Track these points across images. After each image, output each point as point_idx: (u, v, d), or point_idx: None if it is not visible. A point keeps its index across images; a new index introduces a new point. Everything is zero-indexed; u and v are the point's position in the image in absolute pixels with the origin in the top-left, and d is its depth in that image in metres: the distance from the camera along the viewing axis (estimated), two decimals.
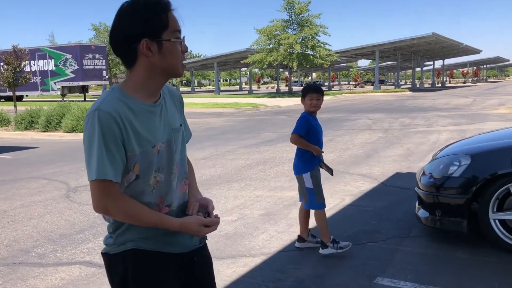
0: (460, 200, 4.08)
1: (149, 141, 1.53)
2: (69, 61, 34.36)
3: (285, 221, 5.09)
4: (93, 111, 1.47)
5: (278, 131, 13.84)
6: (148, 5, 1.49)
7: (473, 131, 11.62)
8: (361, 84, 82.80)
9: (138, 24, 1.48)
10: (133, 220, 1.55)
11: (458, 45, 52.46)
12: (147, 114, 1.55)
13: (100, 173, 1.45)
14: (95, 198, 1.51)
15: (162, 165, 1.59)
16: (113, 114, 1.46)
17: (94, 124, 1.45)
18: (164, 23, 1.50)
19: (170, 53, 1.53)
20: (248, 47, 43.64)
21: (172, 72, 1.57)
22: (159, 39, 1.50)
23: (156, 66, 1.53)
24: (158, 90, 1.60)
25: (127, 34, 1.50)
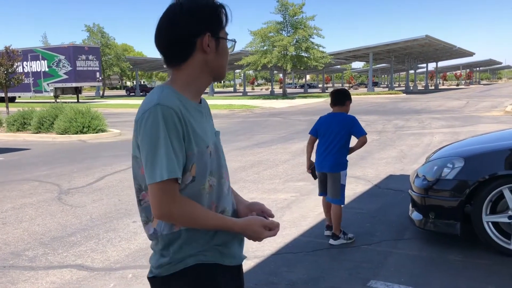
0: (454, 203, 4.08)
1: (204, 140, 1.46)
2: (62, 62, 34.20)
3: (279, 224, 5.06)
4: (154, 106, 1.37)
5: (272, 133, 13.83)
6: (210, 4, 1.50)
7: (466, 133, 11.67)
8: (355, 86, 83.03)
9: (204, 18, 1.47)
10: (197, 223, 1.42)
11: (451, 48, 52.76)
12: (197, 113, 1.49)
13: (171, 171, 1.33)
14: (159, 201, 1.36)
15: (214, 169, 1.50)
16: (175, 109, 1.37)
17: (157, 119, 1.35)
18: (222, 22, 1.51)
19: (224, 52, 1.54)
20: (242, 49, 43.63)
21: (220, 72, 1.56)
22: (218, 37, 1.50)
23: (209, 64, 1.50)
24: (203, 91, 1.57)
25: (190, 27, 1.46)
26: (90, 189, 6.96)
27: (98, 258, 4.22)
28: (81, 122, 13.93)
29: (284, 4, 39.61)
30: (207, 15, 1.48)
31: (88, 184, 7.30)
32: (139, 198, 1.50)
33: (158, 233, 1.46)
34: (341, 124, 4.41)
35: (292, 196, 6.22)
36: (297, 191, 6.49)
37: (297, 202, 5.93)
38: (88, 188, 7.00)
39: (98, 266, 4.05)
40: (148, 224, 1.49)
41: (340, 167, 4.40)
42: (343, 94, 4.62)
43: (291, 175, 7.66)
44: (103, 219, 5.40)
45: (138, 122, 1.40)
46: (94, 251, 4.39)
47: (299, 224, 5.02)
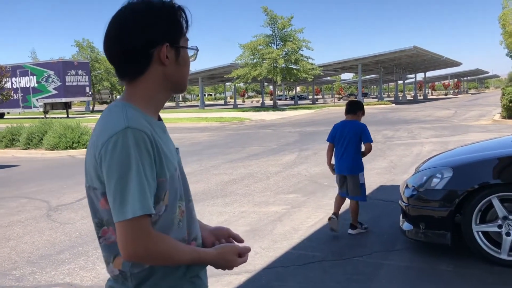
0: (444, 213, 4.09)
1: (172, 162, 1.29)
2: (52, 78, 34.06)
3: (270, 237, 5.04)
4: (123, 130, 1.17)
5: (263, 145, 13.83)
6: (167, 8, 1.31)
7: (455, 142, 11.76)
8: (344, 97, 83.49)
9: (160, 25, 1.28)
10: (171, 260, 1.25)
11: (439, 58, 53.38)
12: (161, 131, 1.32)
13: (145, 206, 1.15)
14: (131, 241, 1.17)
15: (181, 192, 1.34)
16: (146, 132, 1.20)
17: (127, 145, 1.16)
18: (182, 28, 1.33)
19: (185, 63, 1.36)
20: (232, 62, 43.83)
21: (182, 85, 1.38)
22: (178, 46, 1.32)
23: (169, 76, 1.32)
24: (162, 106, 1.38)
25: (145, 36, 1.27)
26: (80, 205, 6.89)
27: (88, 276, 4.15)
28: (70, 138, 13.84)
29: (273, 17, 39.97)
30: (164, 21, 1.29)
31: (78, 200, 7.23)
32: (98, 234, 1.29)
33: (127, 273, 1.27)
34: (353, 130, 5.03)
35: (283, 209, 6.20)
36: (288, 204, 6.47)
37: (288, 215, 5.91)
38: (77, 204, 6.93)
39: (87, 284, 3.99)
40: (109, 265, 1.30)
41: (357, 169, 4.99)
42: (356, 105, 5.27)
43: (282, 187, 7.64)
44: (92, 235, 5.33)
45: (103, 149, 1.18)
46: (83, 269, 4.32)
47: (290, 237, 5.00)
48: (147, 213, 1.16)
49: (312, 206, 6.29)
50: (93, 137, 1.27)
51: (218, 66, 48.70)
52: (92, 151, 1.24)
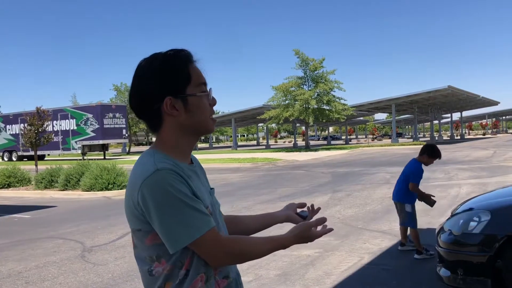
0: (483, 258, 3.92)
1: (203, 201, 1.38)
2: (90, 121, 35.29)
3: (301, 281, 4.94)
4: (155, 172, 1.29)
5: (296, 186, 13.75)
6: (167, 60, 1.39)
7: (494, 184, 11.37)
8: (378, 137, 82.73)
9: (159, 82, 1.37)
10: (252, 256, 1.43)
11: (475, 97, 52.49)
12: (192, 174, 1.41)
13: (204, 224, 1.30)
14: (210, 254, 1.33)
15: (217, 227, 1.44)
16: (177, 171, 1.31)
17: (163, 183, 1.27)
18: (186, 77, 1.38)
19: (197, 108, 1.40)
20: (265, 103, 44.39)
21: (203, 129, 1.44)
22: (184, 95, 1.38)
23: (185, 124, 1.40)
24: (190, 151, 1.49)
25: (148, 94, 1.38)
26: (113, 246, 6.97)
27: None
28: (106, 179, 14.17)
29: (305, 60, 40.58)
30: (163, 76, 1.37)
31: (111, 241, 7.32)
32: (149, 269, 1.39)
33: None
34: (407, 166, 5.93)
35: (316, 253, 6.08)
36: (321, 247, 6.35)
37: (321, 259, 5.79)
38: (111, 246, 7.01)
39: None
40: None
41: (403, 198, 5.85)
42: (423, 147, 5.94)
43: None
44: (124, 277, 5.37)
45: (140, 195, 1.30)
46: None
47: (323, 283, 4.87)
48: (209, 228, 1.31)
49: (346, 250, 6.15)
50: (128, 185, 1.37)
51: (251, 108, 49.39)
52: (129, 198, 1.35)
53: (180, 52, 1.41)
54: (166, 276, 1.37)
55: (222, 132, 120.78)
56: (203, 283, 1.38)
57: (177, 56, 1.40)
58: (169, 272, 1.37)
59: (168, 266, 1.37)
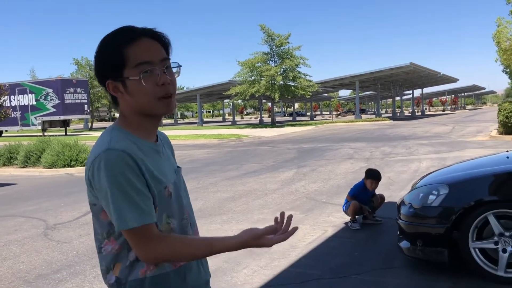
0: (440, 230, 4.10)
1: (161, 181, 1.37)
2: (50, 96, 34.19)
3: (268, 255, 5.03)
4: (104, 152, 1.28)
5: (262, 162, 13.85)
6: (103, 44, 1.37)
7: (453, 158, 11.80)
8: (342, 113, 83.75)
9: (98, 66, 1.38)
10: (186, 256, 1.36)
11: (435, 75, 53.79)
12: (153, 153, 1.40)
13: (135, 218, 1.26)
14: (138, 248, 1.30)
15: (174, 210, 1.42)
16: (127, 151, 1.28)
17: (110, 165, 1.26)
18: (121, 60, 1.33)
19: (137, 91, 1.34)
20: (231, 79, 44.12)
21: (150, 110, 1.38)
22: (121, 78, 1.34)
23: (132, 106, 1.37)
24: (155, 129, 1.46)
25: (97, 75, 1.40)
26: (77, 223, 6.87)
27: None
28: (68, 156, 13.85)
29: (271, 35, 40.36)
30: (101, 60, 1.37)
31: (75, 218, 7.21)
32: (99, 246, 1.41)
33: (122, 281, 1.37)
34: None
35: None
36: None
37: None
38: (74, 223, 6.91)
39: None
40: (109, 273, 1.39)
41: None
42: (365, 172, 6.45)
43: (280, 204, 7.64)
44: (89, 254, 5.32)
45: (90, 171, 1.31)
46: None
47: (288, 255, 4.99)
48: (147, 223, 1.27)
49: (310, 224, 6.29)
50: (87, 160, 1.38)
51: (216, 83, 48.98)
52: (86, 173, 1.36)
53: (117, 33, 1.37)
54: (115, 256, 1.37)
55: (187, 108, 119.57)
56: (154, 265, 1.37)
57: (112, 38, 1.36)
58: (117, 252, 1.37)
59: (117, 245, 1.36)
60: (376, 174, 6.31)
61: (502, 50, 26.24)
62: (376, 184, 6.29)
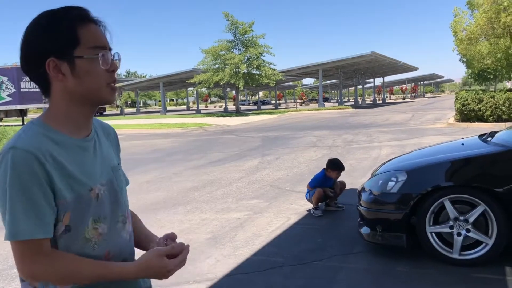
0: (399, 215, 4.21)
1: (84, 183, 1.23)
2: (5, 84, 32.87)
3: (231, 244, 5.04)
4: (7, 150, 1.14)
5: (226, 151, 13.82)
6: (54, 18, 1.22)
7: (412, 145, 12.12)
8: (306, 102, 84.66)
9: (42, 41, 1.20)
10: (73, 279, 1.20)
11: (396, 63, 54.96)
12: (78, 150, 1.25)
13: (25, 231, 1.12)
14: (20, 262, 1.16)
15: (105, 213, 1.28)
16: (33, 152, 1.14)
17: (7, 166, 1.12)
18: (74, 38, 1.20)
19: (87, 73, 1.22)
20: (194, 67, 43.65)
21: (96, 98, 1.26)
22: (70, 57, 1.20)
23: (73, 91, 1.23)
24: (87, 122, 1.31)
25: (32, 53, 1.21)
26: None
27: None
28: None
29: (235, 23, 40.11)
30: (48, 33, 1.20)
31: None
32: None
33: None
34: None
35: (245, 215, 6.21)
36: (250, 210, 6.49)
37: (250, 221, 5.93)
38: None
39: None
40: (24, 281, 1.25)
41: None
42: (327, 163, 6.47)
43: (244, 193, 7.66)
44: None
45: None
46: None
47: (252, 243, 5.01)
48: (27, 238, 1.13)
49: (274, 212, 6.34)
50: None
51: (180, 71, 48.37)
52: None
53: (73, 9, 1.24)
54: None
55: (150, 97, 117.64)
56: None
57: (67, 14, 1.22)
58: None
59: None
60: (340, 165, 6.38)
61: (459, 39, 27.02)
62: (338, 174, 6.36)
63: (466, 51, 27.74)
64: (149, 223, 5.89)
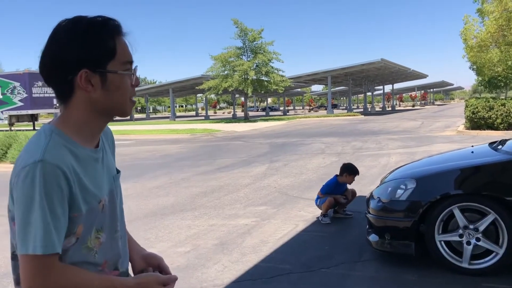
0: (408, 223, 4.18)
1: (96, 196, 1.25)
2: (18, 89, 33.22)
3: (239, 250, 5.04)
4: (35, 163, 1.12)
5: (234, 157, 13.83)
6: (93, 27, 1.20)
7: (421, 153, 12.05)
8: (315, 108, 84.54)
9: (78, 50, 1.18)
10: None
11: (405, 70, 54.78)
12: (91, 162, 1.27)
13: (47, 246, 1.11)
14: (30, 278, 1.12)
15: (105, 223, 1.31)
16: (61, 167, 1.14)
17: (35, 180, 1.11)
18: (111, 51, 1.21)
19: (117, 88, 1.24)
20: (203, 74, 43.84)
21: (119, 111, 1.28)
22: (103, 71, 1.21)
23: (98, 103, 1.23)
24: (99, 133, 1.32)
25: (62, 61, 1.19)
26: None
27: None
28: None
29: (244, 30, 40.28)
30: (84, 44, 1.19)
31: None
32: (13, 252, 1.25)
33: None
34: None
35: (252, 221, 6.21)
36: (258, 216, 6.48)
37: (257, 227, 5.92)
38: None
39: None
40: (19, 285, 1.22)
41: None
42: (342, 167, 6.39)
43: (252, 199, 7.65)
44: None
45: (15, 178, 1.16)
46: None
47: (259, 250, 5.00)
48: (48, 253, 1.11)
49: (281, 218, 6.33)
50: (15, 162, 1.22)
51: (189, 78, 48.62)
52: (11, 177, 1.19)
53: (109, 21, 1.23)
54: None
55: (160, 103, 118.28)
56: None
57: (105, 25, 1.22)
58: None
59: None
60: (356, 169, 6.31)
61: (469, 47, 26.93)
62: (353, 178, 6.30)
63: (476, 58, 27.62)
64: (157, 229, 5.92)
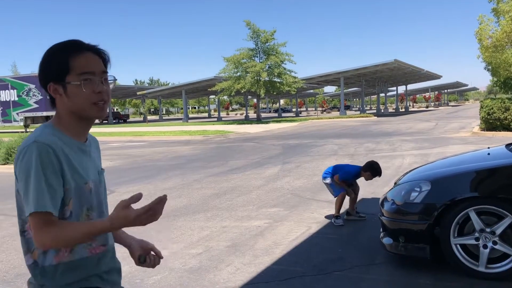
0: (422, 226, 4.12)
1: (82, 177, 1.56)
2: (33, 91, 33.67)
3: (251, 252, 5.02)
4: (31, 143, 1.47)
5: (246, 158, 13.83)
6: (52, 50, 1.59)
7: (436, 155, 11.91)
8: (327, 110, 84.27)
9: (44, 69, 1.58)
10: (71, 242, 1.49)
11: (419, 71, 54.31)
12: (78, 151, 1.60)
13: (39, 205, 1.42)
14: (38, 233, 1.44)
15: (94, 204, 1.61)
16: (51, 145, 1.47)
17: (31, 156, 1.45)
18: (66, 67, 1.54)
19: (75, 95, 1.55)
20: (216, 75, 43.98)
21: (84, 113, 1.58)
22: (63, 82, 1.55)
23: (68, 107, 1.58)
24: (84, 132, 1.65)
25: (40, 77, 1.60)
26: None
27: None
28: None
29: (256, 31, 40.31)
30: (47, 64, 1.58)
31: None
32: (22, 229, 1.56)
33: (38, 265, 1.54)
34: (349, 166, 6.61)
35: (265, 223, 6.18)
36: (270, 218, 6.46)
37: (270, 229, 5.90)
38: None
39: None
40: (27, 254, 1.56)
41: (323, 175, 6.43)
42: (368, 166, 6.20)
43: (265, 201, 7.63)
44: None
45: (16, 158, 1.50)
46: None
47: (272, 252, 4.98)
48: (40, 210, 1.42)
49: (294, 220, 6.29)
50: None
51: (202, 79, 48.78)
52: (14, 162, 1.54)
53: (66, 44, 1.58)
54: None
55: (173, 104, 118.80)
56: (69, 252, 1.54)
57: (59, 48, 1.58)
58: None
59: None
60: (379, 170, 6.12)
61: (484, 47, 26.58)
62: (372, 178, 6.18)
63: (492, 58, 27.25)
64: (169, 230, 5.93)
